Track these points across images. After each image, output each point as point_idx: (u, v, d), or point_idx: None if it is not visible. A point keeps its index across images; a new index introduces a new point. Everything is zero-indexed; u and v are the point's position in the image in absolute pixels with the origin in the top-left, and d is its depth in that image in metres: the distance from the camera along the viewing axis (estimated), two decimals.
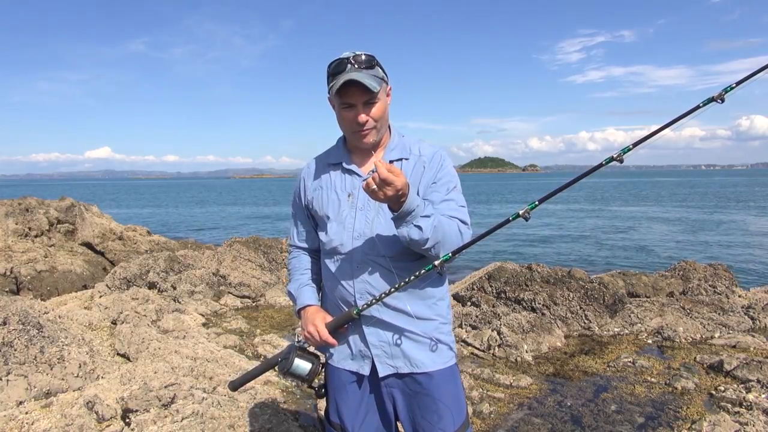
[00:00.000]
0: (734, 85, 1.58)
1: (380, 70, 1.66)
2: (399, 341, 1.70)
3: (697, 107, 1.59)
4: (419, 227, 1.51)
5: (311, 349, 1.79)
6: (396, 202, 1.49)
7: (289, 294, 1.89)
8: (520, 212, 1.56)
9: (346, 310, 1.70)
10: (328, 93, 1.68)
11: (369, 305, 1.62)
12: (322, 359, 1.82)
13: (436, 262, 1.56)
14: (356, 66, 1.60)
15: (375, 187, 1.44)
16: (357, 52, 1.62)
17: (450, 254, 1.56)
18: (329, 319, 1.73)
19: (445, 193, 1.70)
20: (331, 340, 1.69)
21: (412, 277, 1.58)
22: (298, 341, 1.79)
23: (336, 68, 1.62)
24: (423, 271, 1.57)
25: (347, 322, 1.69)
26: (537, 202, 1.60)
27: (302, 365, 1.73)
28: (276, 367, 1.76)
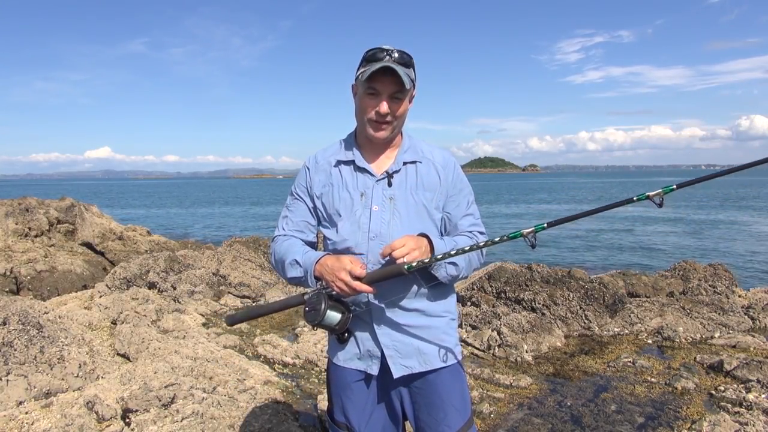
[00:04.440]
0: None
1: (413, 72, 1.66)
2: (412, 340, 1.70)
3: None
4: (454, 264, 1.62)
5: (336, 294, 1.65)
6: (422, 254, 1.57)
7: (293, 263, 1.69)
8: (651, 194, 1.47)
9: (358, 309, 1.69)
10: (356, 78, 1.67)
11: (421, 263, 1.53)
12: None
13: (525, 231, 1.51)
14: (393, 59, 1.60)
15: (404, 254, 1.53)
16: (398, 48, 1.62)
17: (545, 224, 1.53)
18: (356, 260, 1.59)
19: (466, 207, 1.77)
20: (366, 289, 1.56)
21: (497, 239, 1.54)
22: (326, 288, 1.62)
23: (373, 55, 1.61)
24: (506, 237, 1.53)
25: (393, 277, 1.57)
26: (675, 186, 1.48)
27: (332, 315, 1.60)
28: (304, 317, 1.63)
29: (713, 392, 3.67)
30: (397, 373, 1.69)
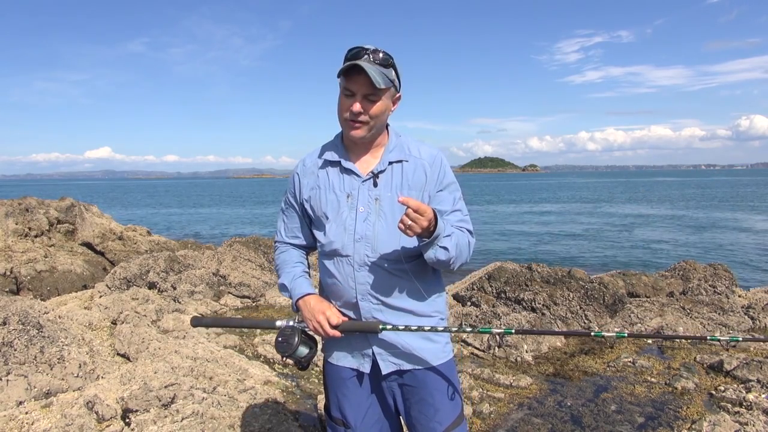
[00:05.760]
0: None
1: (393, 72, 1.66)
2: (401, 339, 1.72)
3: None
4: (445, 248, 1.57)
5: (310, 332, 1.79)
6: (426, 230, 1.53)
7: (282, 287, 1.83)
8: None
9: (356, 317, 1.72)
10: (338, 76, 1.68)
11: (396, 329, 1.67)
12: (319, 343, 1.84)
13: (495, 330, 1.77)
14: (371, 59, 1.60)
15: (411, 222, 1.48)
16: (378, 48, 1.62)
17: (513, 330, 1.76)
18: (334, 310, 1.72)
19: (452, 203, 1.74)
20: (338, 334, 1.69)
21: (468, 329, 1.78)
22: (300, 322, 1.76)
23: (353, 54, 1.61)
24: (477, 330, 1.82)
25: (365, 332, 1.70)
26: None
27: (302, 350, 1.73)
28: (275, 346, 1.76)
29: (713, 392, 3.67)
30: (385, 369, 1.73)
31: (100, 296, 5.99)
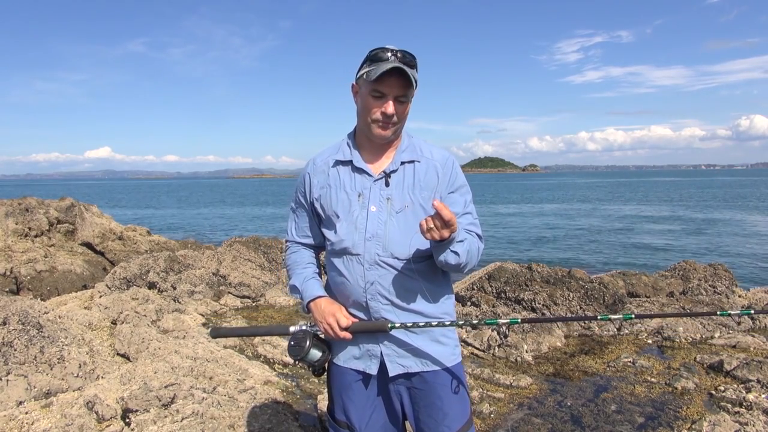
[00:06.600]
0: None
1: (416, 72, 1.65)
2: (410, 341, 1.71)
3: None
4: (456, 253, 1.57)
5: (322, 335, 1.78)
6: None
7: (293, 288, 1.83)
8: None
9: (365, 317, 1.71)
10: (358, 78, 1.66)
11: (405, 326, 1.66)
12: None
13: (501, 321, 1.74)
14: (398, 59, 1.58)
15: (432, 227, 1.47)
16: (402, 49, 1.61)
17: (520, 320, 1.76)
18: (344, 312, 1.71)
19: (464, 206, 1.74)
20: (349, 336, 1.69)
21: (475, 322, 1.73)
22: (312, 326, 1.76)
23: (378, 55, 1.59)
24: (483, 323, 1.77)
25: (374, 332, 1.70)
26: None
27: (314, 353, 1.73)
28: (288, 351, 1.76)
29: (713, 392, 3.67)
30: (393, 371, 1.71)
31: (100, 296, 5.99)
